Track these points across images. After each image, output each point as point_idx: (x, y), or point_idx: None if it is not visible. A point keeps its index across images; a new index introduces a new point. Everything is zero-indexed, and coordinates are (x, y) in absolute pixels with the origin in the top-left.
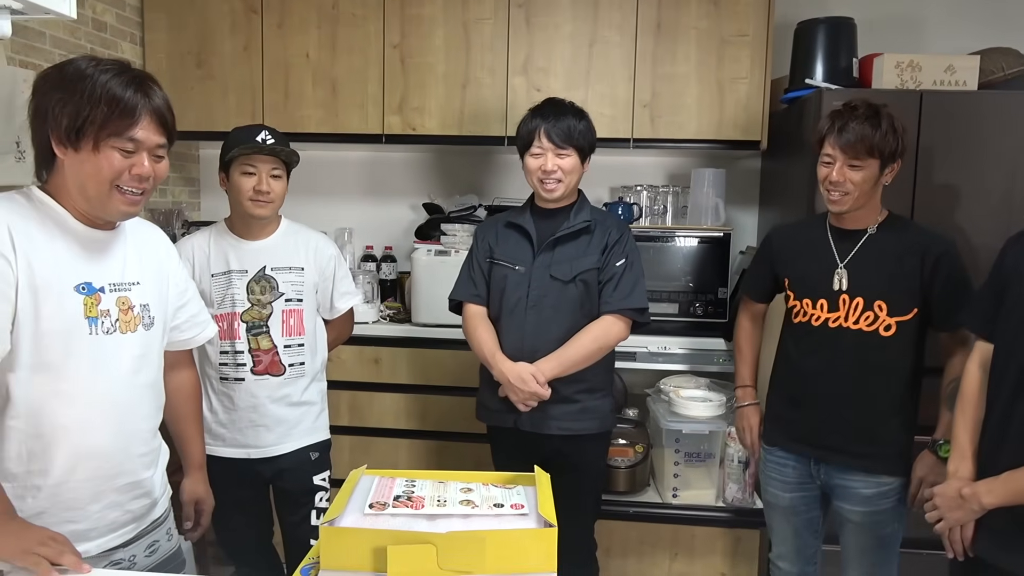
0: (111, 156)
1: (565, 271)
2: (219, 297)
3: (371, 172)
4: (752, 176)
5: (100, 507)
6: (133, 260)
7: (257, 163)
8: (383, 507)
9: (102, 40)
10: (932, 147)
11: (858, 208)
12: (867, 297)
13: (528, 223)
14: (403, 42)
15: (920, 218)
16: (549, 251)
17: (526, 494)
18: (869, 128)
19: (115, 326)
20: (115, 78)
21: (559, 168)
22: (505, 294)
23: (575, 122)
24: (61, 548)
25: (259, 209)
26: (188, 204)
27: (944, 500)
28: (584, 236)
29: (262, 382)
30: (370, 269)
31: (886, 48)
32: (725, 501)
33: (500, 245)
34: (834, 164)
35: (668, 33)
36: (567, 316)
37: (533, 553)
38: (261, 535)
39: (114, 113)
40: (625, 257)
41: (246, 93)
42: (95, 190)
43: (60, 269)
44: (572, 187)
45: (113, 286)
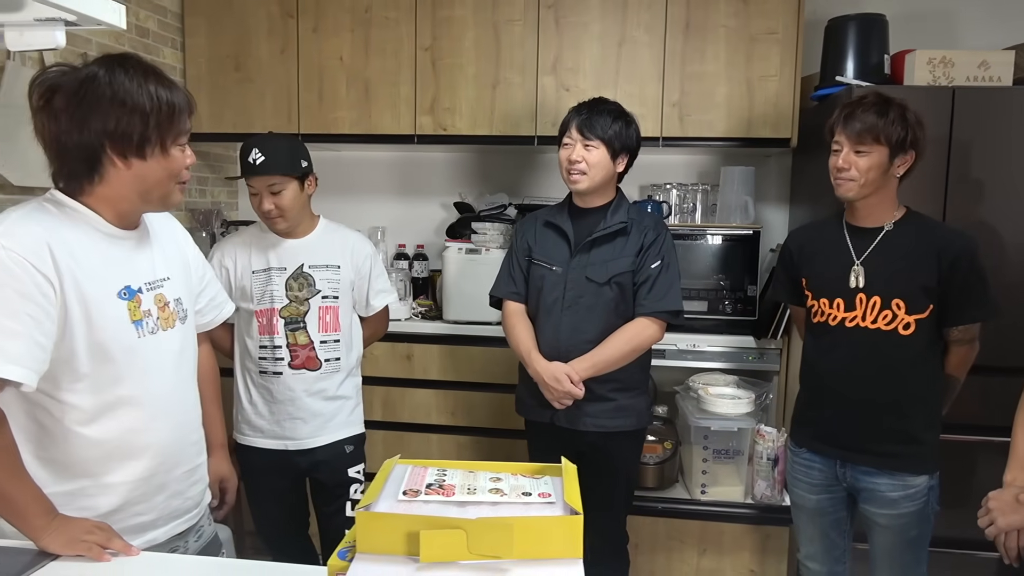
0: (176, 155)
1: (600, 273)
2: (259, 293)
3: (403, 172)
4: (782, 174)
5: (164, 497)
6: (160, 255)
7: (254, 183)
8: (416, 494)
9: (145, 46)
10: (965, 143)
11: (866, 197)
12: (884, 296)
13: (566, 223)
14: (434, 44)
15: (952, 215)
16: (585, 252)
17: (553, 484)
18: (875, 116)
19: (157, 325)
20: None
21: (584, 159)
22: (542, 294)
23: (608, 120)
24: (108, 534)
25: (273, 225)
26: (227, 204)
27: (999, 504)
28: (620, 238)
29: (299, 376)
30: (402, 267)
31: (918, 44)
32: (754, 498)
33: (538, 244)
34: (841, 151)
35: (697, 32)
36: (602, 317)
37: (559, 540)
38: (298, 525)
39: (174, 116)
40: (661, 258)
41: (282, 95)
42: (161, 190)
43: (101, 277)
44: (599, 182)
45: (149, 285)
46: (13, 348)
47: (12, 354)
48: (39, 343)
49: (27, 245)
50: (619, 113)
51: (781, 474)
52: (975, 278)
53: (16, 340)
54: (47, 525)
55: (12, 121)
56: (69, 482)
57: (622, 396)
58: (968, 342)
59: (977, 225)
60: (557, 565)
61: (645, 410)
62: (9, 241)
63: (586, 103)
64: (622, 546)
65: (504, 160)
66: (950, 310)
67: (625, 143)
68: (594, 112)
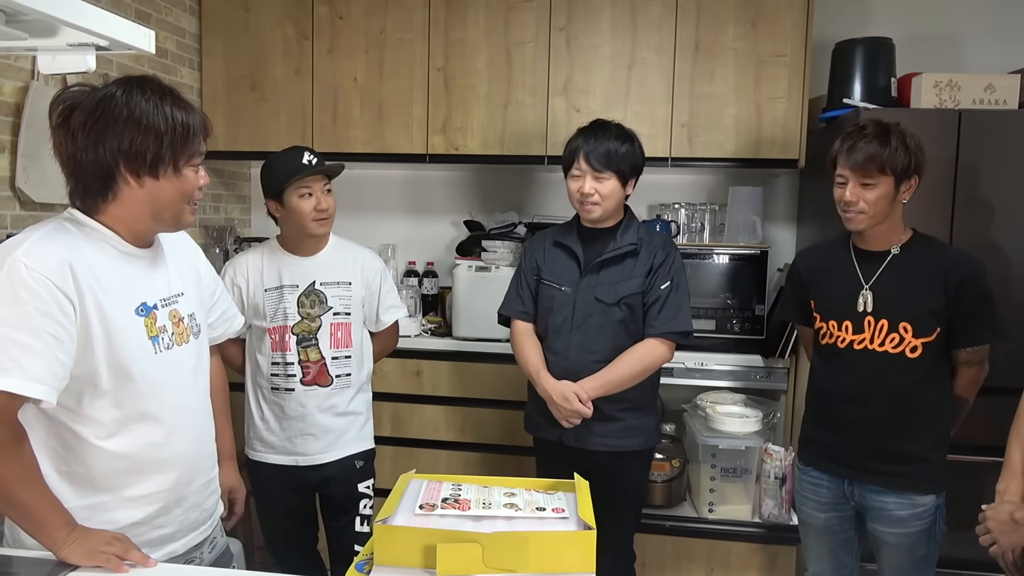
0: (189, 176)
1: (609, 294)
2: (272, 311)
3: (414, 190)
4: (790, 193)
5: (184, 510)
6: (174, 271)
7: (311, 183)
8: (432, 508)
9: (163, 66)
10: (971, 166)
11: (876, 225)
12: (891, 319)
13: (575, 243)
14: (447, 65)
15: (959, 237)
16: (595, 273)
17: (567, 499)
18: (878, 146)
19: (172, 340)
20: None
21: (596, 192)
22: (552, 313)
23: (617, 145)
24: (126, 546)
25: (323, 227)
26: (240, 221)
27: (997, 524)
28: (630, 258)
29: (311, 392)
30: (412, 284)
31: (925, 67)
32: (761, 517)
33: (548, 264)
34: (847, 184)
35: (706, 54)
36: (611, 337)
37: (573, 554)
38: (307, 539)
39: (188, 137)
40: (671, 279)
41: (297, 115)
42: (173, 210)
43: (120, 295)
44: (612, 210)
45: (164, 301)
46: (34, 367)
47: (33, 372)
48: (59, 360)
49: (48, 264)
50: (624, 136)
51: (789, 493)
52: (983, 300)
53: (37, 359)
54: (67, 537)
55: (36, 140)
56: (90, 496)
57: (631, 416)
58: (977, 364)
59: (983, 247)
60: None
61: (654, 429)
62: (31, 260)
63: (589, 129)
64: (630, 564)
65: (514, 179)
66: (958, 332)
67: (633, 165)
68: (600, 139)
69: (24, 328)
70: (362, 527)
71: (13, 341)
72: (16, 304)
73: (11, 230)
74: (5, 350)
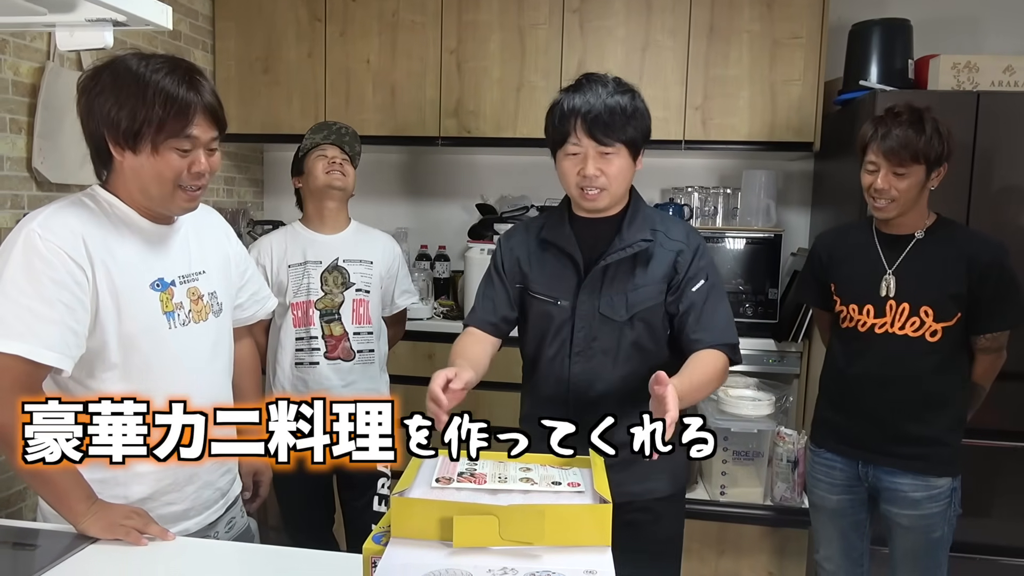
0: (170, 157)
1: (618, 308)
2: (296, 286)
3: (427, 173)
4: (804, 178)
5: (195, 488)
6: (196, 249)
7: (332, 151)
8: (448, 482)
9: (176, 48)
10: (989, 149)
11: (904, 214)
12: (913, 303)
13: (568, 242)
14: (459, 47)
15: (976, 220)
16: (597, 280)
17: (582, 475)
18: (913, 133)
19: (189, 317)
20: (167, 77)
21: (602, 173)
22: (545, 337)
23: (623, 103)
24: (145, 520)
25: (336, 180)
26: (252, 204)
27: None
28: (642, 259)
29: (334, 366)
30: (424, 268)
31: (943, 49)
32: (773, 500)
33: (535, 269)
34: (878, 172)
35: (720, 36)
36: (622, 364)
37: (589, 527)
38: (323, 520)
39: (170, 114)
40: (704, 278)
41: (309, 98)
42: (158, 190)
43: (135, 269)
44: (620, 195)
45: (183, 278)
46: (48, 334)
47: (47, 340)
48: (73, 329)
49: (62, 235)
50: (624, 89)
51: (801, 476)
52: (1005, 286)
53: (51, 326)
54: (87, 510)
55: (52, 121)
56: (101, 470)
57: None
58: (996, 350)
59: (1000, 231)
60: (587, 552)
61: (682, 466)
62: (45, 232)
63: (580, 87)
64: None
65: (526, 162)
66: (979, 318)
67: (645, 130)
68: (599, 98)
69: (37, 297)
70: (380, 507)
71: (28, 309)
72: (30, 274)
73: (28, 210)
74: (20, 318)
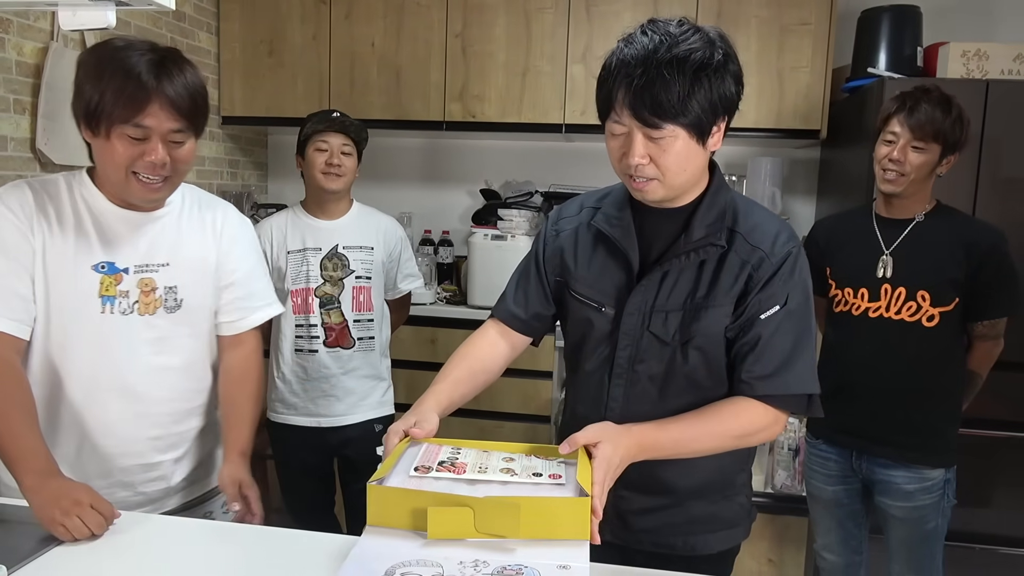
0: (122, 144)
1: (672, 328)
2: (295, 273)
3: (431, 158)
4: (811, 166)
5: (107, 483)
6: (168, 241)
7: (329, 139)
8: (427, 471)
9: (181, 30)
10: (998, 138)
11: (909, 195)
12: (910, 287)
13: (625, 235)
14: (465, 31)
15: (983, 209)
16: (653, 287)
17: (566, 466)
18: (940, 113)
19: (133, 307)
20: (134, 61)
21: (652, 159)
22: (585, 344)
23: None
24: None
25: (330, 182)
26: (257, 187)
27: None
28: (711, 264)
29: (334, 354)
30: (428, 253)
31: (952, 37)
32: (774, 488)
33: (580, 263)
34: (897, 143)
35: (728, 21)
36: (672, 397)
37: (566, 521)
38: (325, 502)
39: (120, 100)
40: (783, 302)
41: (314, 81)
42: (113, 176)
43: (80, 249)
44: (685, 183)
45: (138, 267)
46: None
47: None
48: (19, 294)
49: (10, 204)
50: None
51: (802, 464)
52: (1004, 273)
53: None
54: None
55: (55, 102)
56: None
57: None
58: (993, 338)
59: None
60: (563, 546)
61: (745, 516)
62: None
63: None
64: None
65: (531, 148)
66: (977, 304)
67: (725, 103)
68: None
69: None
70: None
71: None
72: None
73: None
74: None
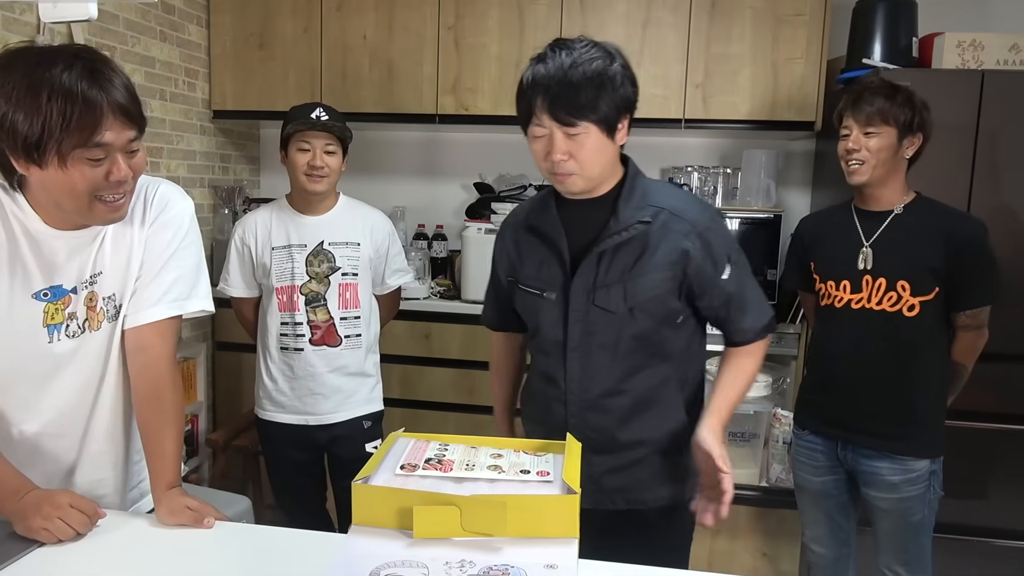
0: (82, 170)
1: (616, 299)
2: (279, 270)
3: (424, 152)
4: (805, 157)
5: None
6: (107, 246)
7: (311, 139)
8: (413, 468)
9: (171, 23)
10: (993, 128)
11: (881, 185)
12: (890, 277)
13: (553, 228)
14: (458, 23)
15: (978, 200)
16: (591, 268)
17: (555, 462)
18: (883, 99)
19: (83, 327)
20: (65, 72)
21: (570, 155)
22: (539, 331)
23: (592, 70)
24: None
25: (314, 184)
26: (249, 182)
27: None
28: (640, 242)
29: (320, 352)
30: (422, 247)
31: (947, 27)
32: (768, 481)
33: (523, 259)
34: (850, 135)
35: (723, 12)
36: (624, 360)
37: (554, 518)
38: (316, 498)
39: (72, 120)
40: (728, 260)
41: (305, 74)
42: (73, 205)
43: (17, 279)
44: (601, 174)
45: (85, 283)
46: None
47: None
48: None
49: None
50: (596, 55)
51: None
52: (984, 263)
53: None
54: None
55: None
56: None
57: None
58: (976, 328)
59: (1003, 212)
60: (551, 544)
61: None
62: None
63: (545, 56)
64: None
65: (525, 141)
66: (958, 294)
67: (624, 103)
68: (563, 72)
69: None
70: None
71: None
72: None
73: None
74: None
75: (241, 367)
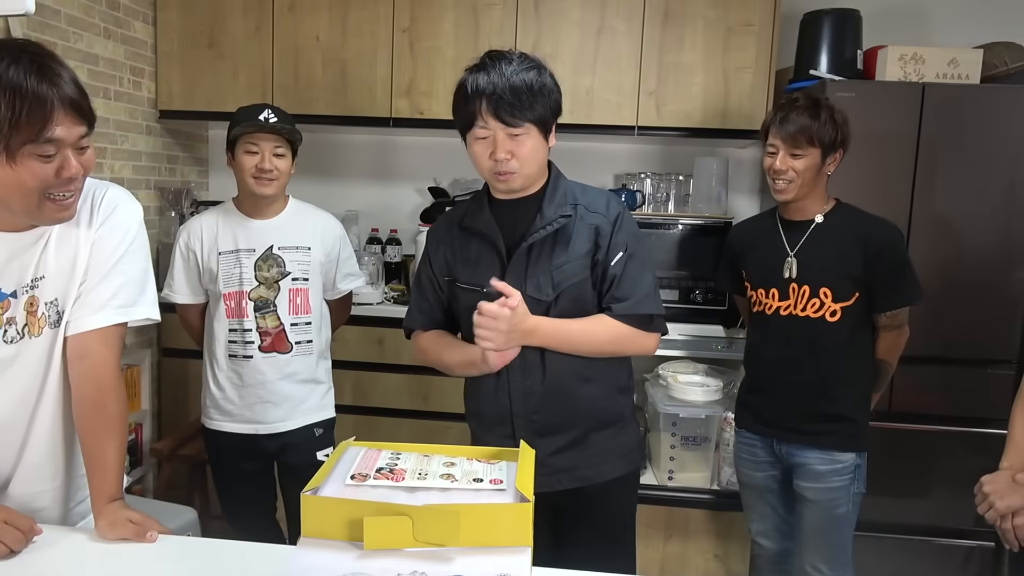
0: (31, 166)
1: (545, 288)
2: (227, 276)
3: (378, 155)
4: (755, 165)
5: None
6: (50, 250)
7: (260, 141)
8: (364, 478)
9: (115, 19)
10: (933, 140)
11: (803, 197)
12: (813, 285)
13: (488, 226)
14: (412, 26)
15: (919, 210)
16: (522, 261)
17: (508, 469)
18: (808, 119)
19: (22, 332)
20: (11, 68)
21: (513, 155)
22: None
23: (531, 79)
24: None
25: (262, 187)
26: (197, 184)
27: (994, 487)
28: (564, 235)
29: (270, 359)
30: (375, 252)
31: (891, 40)
32: (720, 484)
33: (460, 260)
34: (777, 154)
35: (675, 21)
36: None
37: (507, 527)
38: (265, 508)
39: (22, 115)
40: (623, 249)
41: (256, 74)
42: (21, 204)
43: None
44: (535, 174)
45: (25, 287)
46: None
47: None
48: None
49: None
50: (531, 65)
51: None
52: (899, 265)
53: None
54: None
55: None
56: None
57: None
58: (897, 327)
59: (942, 222)
60: (504, 553)
61: (636, 447)
62: None
63: (484, 66)
64: None
65: None
66: (877, 296)
67: (556, 106)
68: (504, 77)
69: None
70: None
71: None
72: None
73: None
74: None
75: (187, 374)
